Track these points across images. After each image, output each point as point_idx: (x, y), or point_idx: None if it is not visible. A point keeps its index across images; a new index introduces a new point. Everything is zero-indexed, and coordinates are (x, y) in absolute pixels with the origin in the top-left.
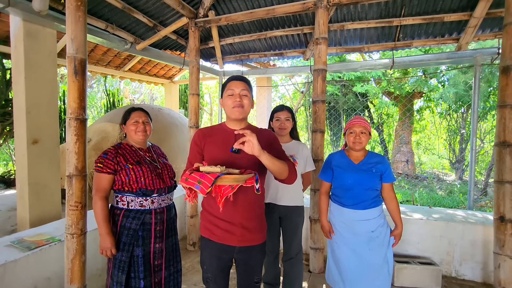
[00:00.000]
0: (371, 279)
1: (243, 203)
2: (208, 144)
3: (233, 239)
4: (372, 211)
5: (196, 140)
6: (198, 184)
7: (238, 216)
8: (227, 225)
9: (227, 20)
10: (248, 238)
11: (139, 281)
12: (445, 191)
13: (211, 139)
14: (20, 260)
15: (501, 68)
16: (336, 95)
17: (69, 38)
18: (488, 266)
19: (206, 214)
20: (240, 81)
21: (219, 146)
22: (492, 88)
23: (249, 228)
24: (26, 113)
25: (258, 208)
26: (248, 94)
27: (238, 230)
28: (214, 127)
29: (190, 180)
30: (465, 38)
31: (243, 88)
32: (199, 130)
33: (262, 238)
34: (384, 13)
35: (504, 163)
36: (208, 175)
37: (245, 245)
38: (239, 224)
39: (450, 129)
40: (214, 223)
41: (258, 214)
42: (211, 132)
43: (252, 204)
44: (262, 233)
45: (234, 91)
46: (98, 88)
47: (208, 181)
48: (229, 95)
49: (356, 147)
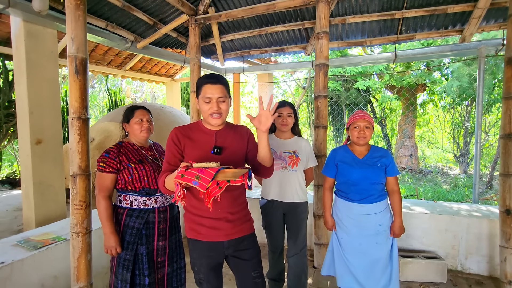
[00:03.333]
0: (379, 273)
1: (227, 199)
2: (188, 146)
3: (220, 234)
4: (379, 205)
5: (175, 140)
6: (196, 180)
7: (222, 211)
8: (212, 222)
9: (227, 17)
10: (234, 231)
11: (144, 278)
12: (450, 185)
13: (190, 140)
14: (27, 259)
15: (506, 59)
16: (338, 90)
17: (69, 38)
18: (494, 259)
19: (189, 215)
20: (216, 85)
21: (200, 147)
22: (496, 80)
23: (233, 221)
24: (29, 114)
25: (241, 202)
26: (226, 99)
27: (223, 224)
28: (191, 126)
29: (187, 176)
30: (469, 30)
31: (220, 95)
32: (176, 129)
33: (249, 229)
34: (386, 6)
35: (509, 156)
36: (208, 169)
37: (233, 237)
38: (224, 218)
39: (454, 123)
40: (199, 222)
41: (242, 207)
42: (189, 133)
43: (235, 199)
44: (247, 223)
45: (211, 98)
46: (100, 87)
47: (208, 175)
48: (206, 102)
49: (361, 142)
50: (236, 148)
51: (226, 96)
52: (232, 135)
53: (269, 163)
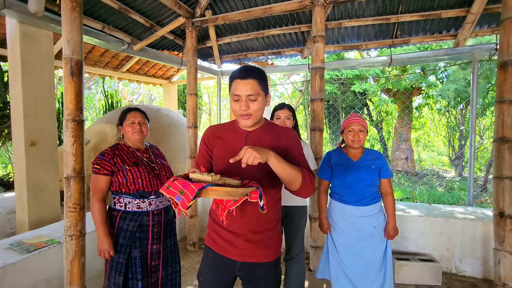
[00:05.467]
0: (373, 275)
1: (248, 215)
2: (217, 147)
3: (235, 252)
4: (374, 207)
5: (206, 139)
6: (179, 195)
7: (243, 228)
8: (230, 236)
9: (224, 19)
10: (252, 254)
11: (137, 282)
12: (445, 187)
13: (220, 141)
14: (19, 262)
15: (499, 64)
16: (334, 93)
17: (65, 39)
18: (488, 262)
19: (211, 222)
20: (246, 80)
21: (227, 149)
22: (490, 84)
23: (253, 242)
24: (23, 115)
25: (269, 221)
26: (258, 97)
27: (241, 242)
28: (225, 125)
29: (171, 189)
30: (462, 34)
31: (250, 92)
32: (209, 128)
33: (270, 256)
34: (381, 10)
35: (503, 159)
36: (192, 184)
37: (247, 260)
38: (243, 236)
39: (449, 126)
40: (218, 232)
41: (267, 228)
42: (221, 132)
43: (260, 216)
44: (269, 249)
45: (240, 96)
46: (96, 89)
47: (191, 192)
48: (235, 100)
49: (355, 145)
50: None
51: (258, 93)
52: (268, 138)
53: (293, 185)
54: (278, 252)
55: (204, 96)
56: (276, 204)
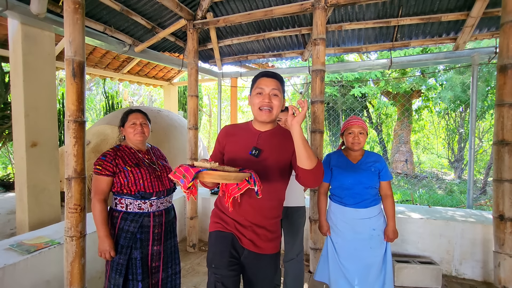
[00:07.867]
0: (373, 278)
1: (251, 208)
2: (230, 144)
3: (243, 239)
4: (373, 209)
5: (220, 138)
6: (182, 178)
7: (248, 219)
8: (237, 225)
9: (225, 22)
10: (257, 245)
11: (137, 283)
12: (445, 190)
13: (233, 138)
14: (19, 263)
15: (499, 67)
16: (335, 95)
17: (67, 41)
18: (488, 264)
19: (216, 210)
20: (272, 78)
21: (239, 146)
22: (490, 87)
23: (259, 234)
24: (24, 116)
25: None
26: (279, 94)
27: (248, 232)
28: (240, 125)
29: (177, 174)
30: (462, 38)
31: (274, 87)
32: (225, 128)
33: (271, 248)
34: (381, 13)
35: (502, 162)
36: (191, 169)
37: (253, 250)
38: (249, 227)
39: (449, 128)
40: (225, 220)
41: (271, 223)
42: (235, 131)
43: (263, 211)
44: (271, 243)
45: (264, 90)
46: (97, 90)
47: (190, 175)
48: (258, 93)
49: (355, 147)
50: (278, 154)
51: (280, 91)
52: (278, 139)
53: (306, 163)
54: (279, 246)
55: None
56: (280, 202)
